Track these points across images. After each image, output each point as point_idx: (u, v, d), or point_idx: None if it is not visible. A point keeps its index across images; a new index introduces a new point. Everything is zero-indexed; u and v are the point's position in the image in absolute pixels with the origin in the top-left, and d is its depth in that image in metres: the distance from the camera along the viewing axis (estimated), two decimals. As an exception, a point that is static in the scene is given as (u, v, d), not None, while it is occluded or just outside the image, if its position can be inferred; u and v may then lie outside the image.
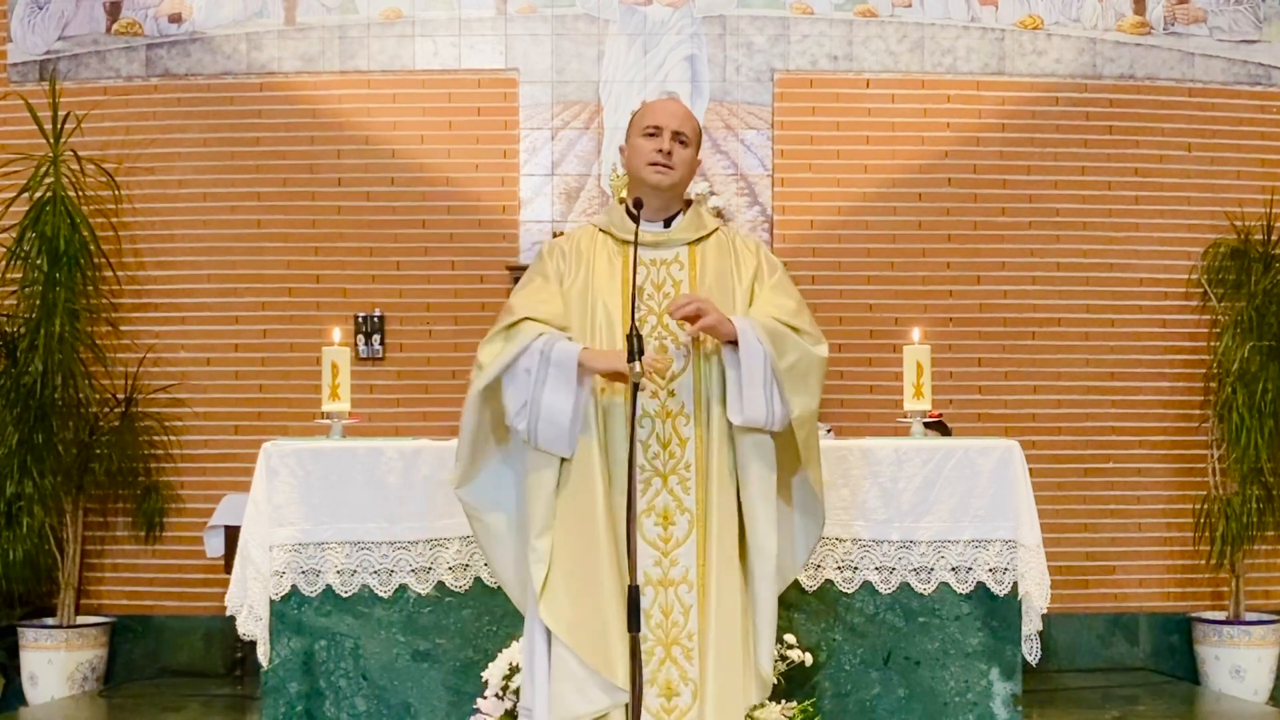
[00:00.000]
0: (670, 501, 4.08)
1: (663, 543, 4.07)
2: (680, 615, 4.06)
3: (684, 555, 4.07)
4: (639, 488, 4.04)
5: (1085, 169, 8.23)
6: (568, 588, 4.00)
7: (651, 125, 4.18)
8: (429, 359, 8.12)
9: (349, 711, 4.89)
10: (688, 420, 4.09)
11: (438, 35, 8.27)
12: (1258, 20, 8.29)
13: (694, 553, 4.07)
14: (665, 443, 4.08)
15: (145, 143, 8.16)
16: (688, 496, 4.09)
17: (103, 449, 7.86)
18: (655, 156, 4.15)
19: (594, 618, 3.97)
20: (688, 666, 4.05)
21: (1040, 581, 4.82)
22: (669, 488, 4.08)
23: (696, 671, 4.04)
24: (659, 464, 4.07)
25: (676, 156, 4.16)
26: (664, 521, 4.08)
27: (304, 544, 4.89)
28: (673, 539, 4.08)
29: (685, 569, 4.07)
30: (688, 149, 4.20)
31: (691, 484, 4.09)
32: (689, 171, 4.24)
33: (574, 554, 4.01)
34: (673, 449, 4.09)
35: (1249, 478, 7.78)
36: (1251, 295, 7.92)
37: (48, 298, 7.69)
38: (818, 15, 8.27)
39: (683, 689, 4.04)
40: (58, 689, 7.54)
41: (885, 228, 8.22)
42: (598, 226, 4.31)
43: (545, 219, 8.23)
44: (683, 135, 4.18)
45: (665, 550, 4.07)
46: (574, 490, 4.05)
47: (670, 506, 4.08)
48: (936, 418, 7.45)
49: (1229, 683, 7.63)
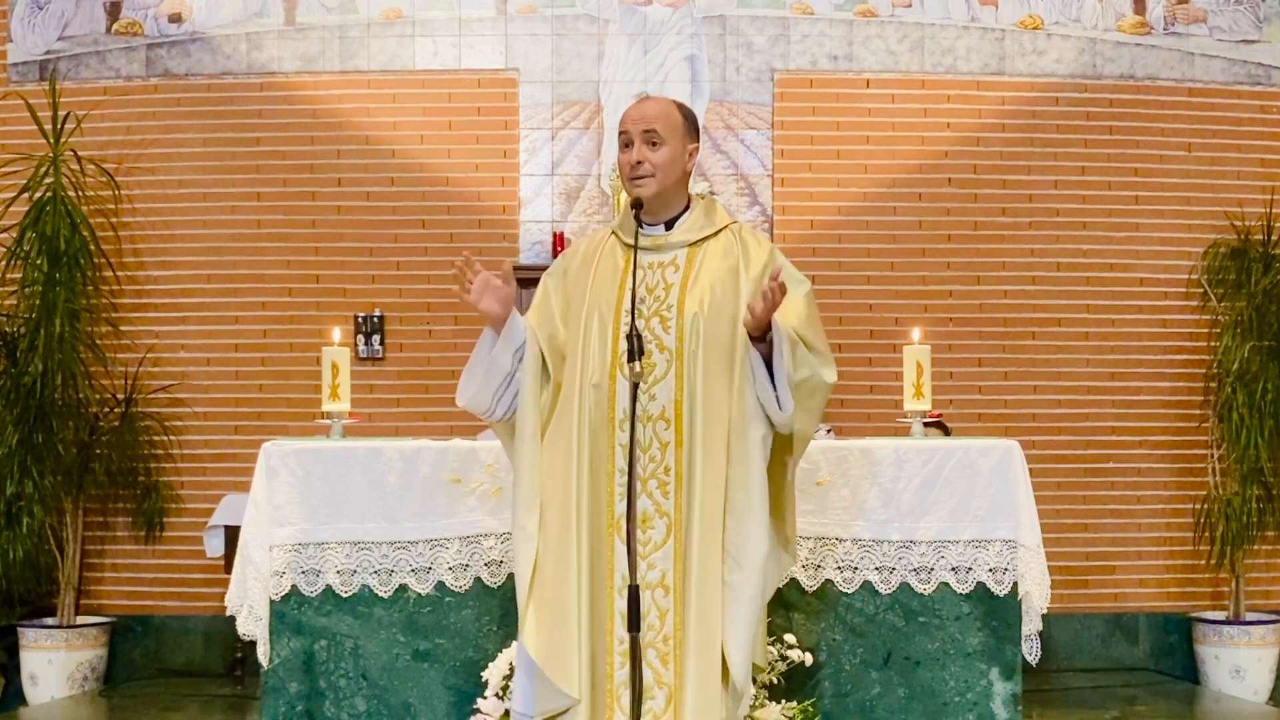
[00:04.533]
0: (649, 505, 4.06)
1: (641, 546, 4.05)
2: (656, 619, 4.02)
3: (660, 559, 4.04)
4: (619, 492, 4.03)
5: (1085, 169, 8.23)
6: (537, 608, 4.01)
7: (622, 133, 4.16)
8: (429, 359, 8.13)
9: (349, 711, 4.89)
10: (668, 425, 4.06)
11: (438, 35, 8.27)
12: (1258, 20, 8.29)
13: (671, 557, 4.03)
14: (645, 447, 4.06)
15: (145, 143, 8.16)
16: (666, 501, 4.05)
17: (103, 449, 7.86)
18: (626, 171, 4.14)
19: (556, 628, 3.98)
20: (662, 670, 4.01)
21: (1040, 581, 4.81)
22: (648, 491, 4.06)
23: (672, 676, 4.01)
24: (639, 468, 4.06)
25: (650, 162, 4.10)
26: (642, 525, 4.05)
27: (304, 544, 4.88)
28: (650, 542, 4.05)
29: (662, 573, 4.04)
30: (663, 147, 4.11)
31: (671, 488, 4.05)
32: (673, 169, 4.15)
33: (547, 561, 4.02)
34: (653, 453, 4.07)
35: (1249, 478, 7.78)
36: (1251, 295, 7.92)
37: (48, 298, 7.69)
38: (818, 15, 8.27)
39: (657, 692, 4.01)
40: (58, 689, 7.55)
41: (885, 228, 8.22)
42: (612, 229, 4.32)
43: (545, 219, 8.23)
44: (653, 134, 4.10)
45: (643, 554, 4.05)
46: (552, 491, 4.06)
47: (649, 510, 4.06)
48: (936, 418, 7.46)
49: (1229, 683, 7.63)
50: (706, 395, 4.06)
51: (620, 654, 3.99)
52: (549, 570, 4.03)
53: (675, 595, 4.03)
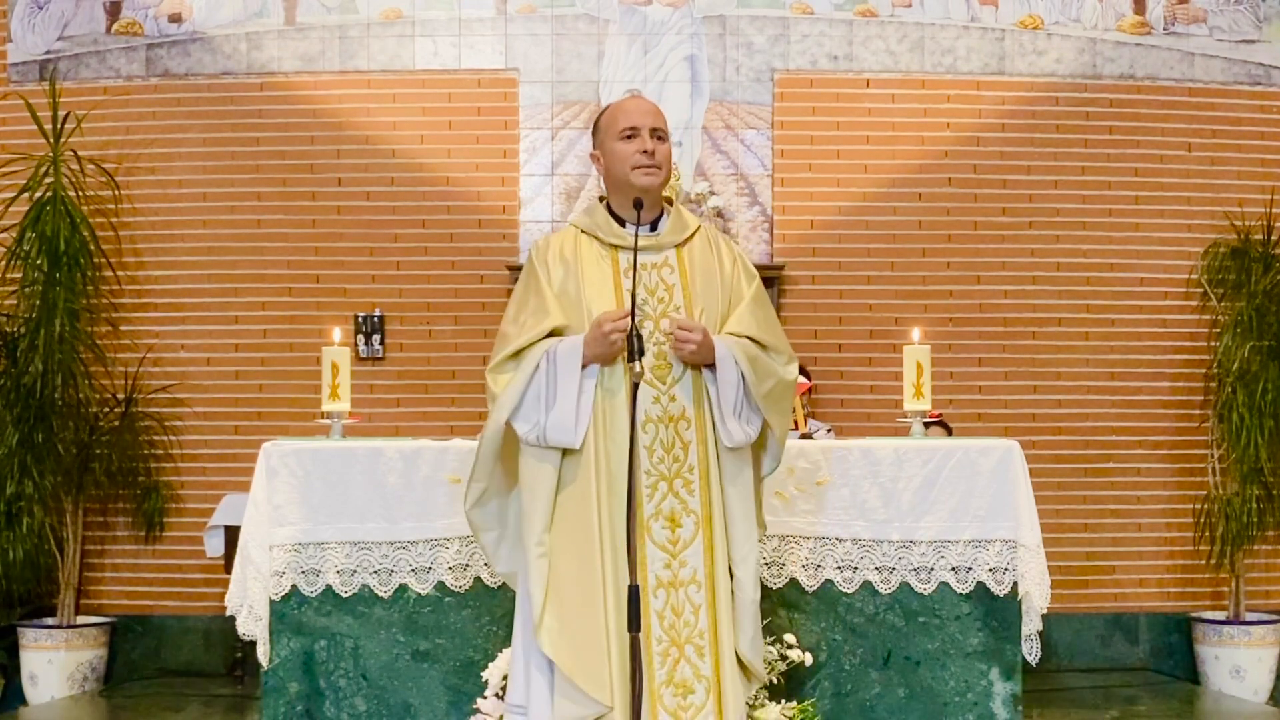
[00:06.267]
0: (676, 504, 4.10)
1: (671, 545, 4.08)
2: (691, 615, 4.08)
3: (692, 556, 4.09)
4: (645, 493, 4.04)
5: (1085, 169, 8.24)
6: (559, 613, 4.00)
7: (628, 127, 4.15)
8: (429, 359, 8.13)
9: (349, 711, 4.89)
10: (689, 424, 4.10)
11: (438, 35, 8.27)
12: (1258, 20, 8.29)
13: (701, 553, 4.09)
14: (669, 447, 4.09)
15: (145, 143, 8.16)
16: (692, 499, 4.10)
17: (103, 449, 7.86)
18: (640, 159, 4.12)
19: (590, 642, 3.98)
20: (700, 664, 4.07)
21: (1040, 581, 4.81)
22: (674, 491, 4.10)
23: (710, 669, 4.06)
24: (664, 468, 4.08)
25: (660, 154, 4.15)
26: (671, 524, 4.09)
27: (304, 544, 4.88)
28: (680, 541, 4.09)
29: (694, 569, 4.09)
30: (666, 144, 4.19)
31: (695, 486, 4.10)
32: (669, 167, 4.24)
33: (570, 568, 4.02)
34: (676, 453, 4.09)
35: (1249, 478, 7.78)
36: (1251, 295, 7.92)
37: (48, 298, 7.69)
38: (818, 15, 8.27)
39: (697, 686, 4.07)
40: (58, 689, 7.55)
41: (885, 228, 8.22)
42: (579, 228, 4.26)
43: (545, 219, 8.23)
44: (659, 131, 4.17)
45: (674, 553, 4.09)
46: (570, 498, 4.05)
47: (676, 509, 4.10)
48: (937, 417, 7.47)
49: (1229, 683, 7.63)
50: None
51: (659, 654, 4.03)
52: (571, 579, 4.02)
53: (708, 590, 4.06)
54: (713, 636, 4.08)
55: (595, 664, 3.97)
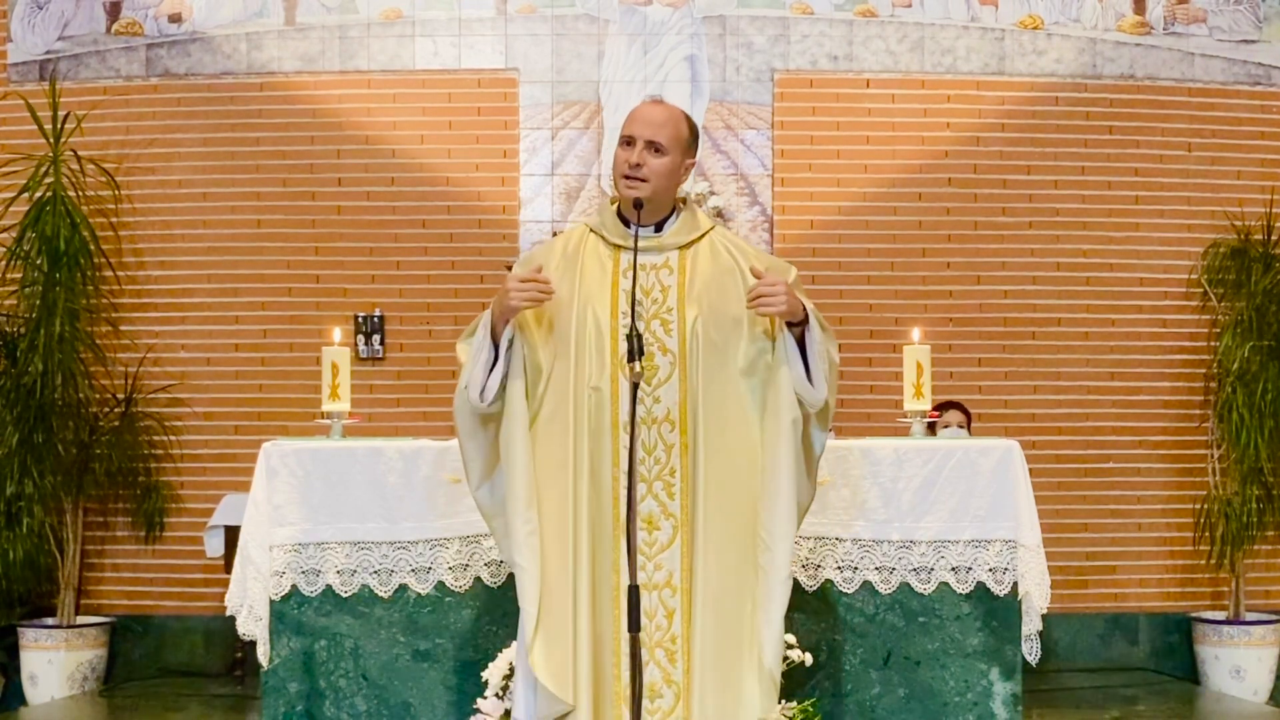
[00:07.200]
0: (655, 507, 4.08)
1: (647, 548, 4.07)
2: (664, 619, 4.06)
3: (668, 560, 4.07)
4: (623, 494, 4.03)
5: (1085, 169, 8.24)
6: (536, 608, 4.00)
7: (625, 134, 4.13)
8: (429, 359, 8.12)
9: (349, 711, 4.89)
10: (672, 427, 4.08)
11: (438, 35, 8.27)
12: (1258, 20, 8.29)
13: (678, 557, 4.07)
14: (650, 449, 4.08)
15: (145, 143, 8.16)
16: (672, 502, 4.08)
17: (103, 449, 7.86)
18: (624, 169, 4.11)
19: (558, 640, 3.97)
20: (671, 669, 4.04)
21: (1040, 581, 4.82)
22: (654, 493, 4.08)
23: (681, 674, 4.04)
24: (644, 470, 4.07)
25: (649, 167, 4.08)
26: (648, 526, 4.07)
27: (304, 544, 4.88)
28: (657, 544, 4.08)
29: (669, 573, 4.07)
30: (664, 157, 4.09)
31: (676, 489, 4.08)
32: (669, 180, 4.13)
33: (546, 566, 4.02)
34: (658, 455, 4.08)
35: (1249, 478, 7.78)
36: (1251, 295, 7.92)
37: (48, 298, 7.69)
38: (818, 15, 8.27)
39: (665, 691, 4.04)
40: (58, 689, 7.55)
41: (885, 228, 8.22)
42: (589, 226, 4.27)
43: (545, 219, 8.23)
44: (657, 143, 4.08)
45: (649, 555, 4.07)
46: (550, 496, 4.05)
47: (655, 512, 4.08)
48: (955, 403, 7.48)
49: (1229, 683, 7.63)
50: (707, 397, 4.08)
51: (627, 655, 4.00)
52: (546, 576, 4.02)
53: (683, 594, 4.05)
54: (687, 643, 4.05)
55: (560, 662, 3.96)
